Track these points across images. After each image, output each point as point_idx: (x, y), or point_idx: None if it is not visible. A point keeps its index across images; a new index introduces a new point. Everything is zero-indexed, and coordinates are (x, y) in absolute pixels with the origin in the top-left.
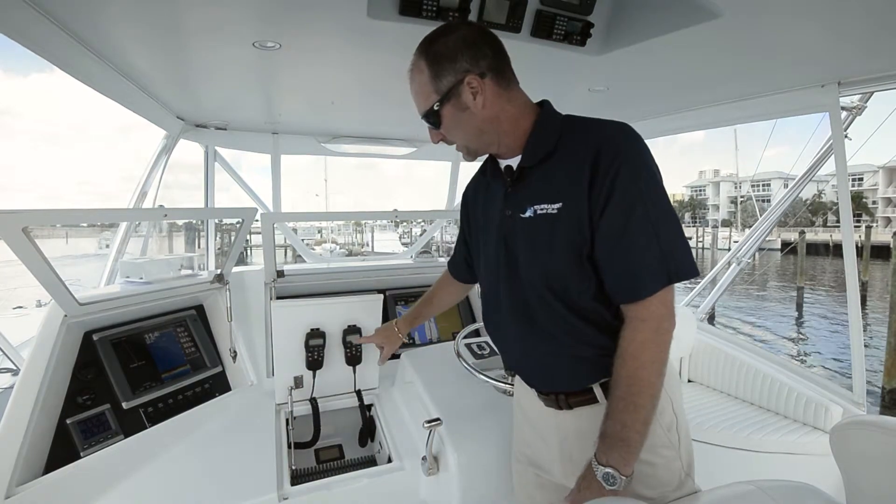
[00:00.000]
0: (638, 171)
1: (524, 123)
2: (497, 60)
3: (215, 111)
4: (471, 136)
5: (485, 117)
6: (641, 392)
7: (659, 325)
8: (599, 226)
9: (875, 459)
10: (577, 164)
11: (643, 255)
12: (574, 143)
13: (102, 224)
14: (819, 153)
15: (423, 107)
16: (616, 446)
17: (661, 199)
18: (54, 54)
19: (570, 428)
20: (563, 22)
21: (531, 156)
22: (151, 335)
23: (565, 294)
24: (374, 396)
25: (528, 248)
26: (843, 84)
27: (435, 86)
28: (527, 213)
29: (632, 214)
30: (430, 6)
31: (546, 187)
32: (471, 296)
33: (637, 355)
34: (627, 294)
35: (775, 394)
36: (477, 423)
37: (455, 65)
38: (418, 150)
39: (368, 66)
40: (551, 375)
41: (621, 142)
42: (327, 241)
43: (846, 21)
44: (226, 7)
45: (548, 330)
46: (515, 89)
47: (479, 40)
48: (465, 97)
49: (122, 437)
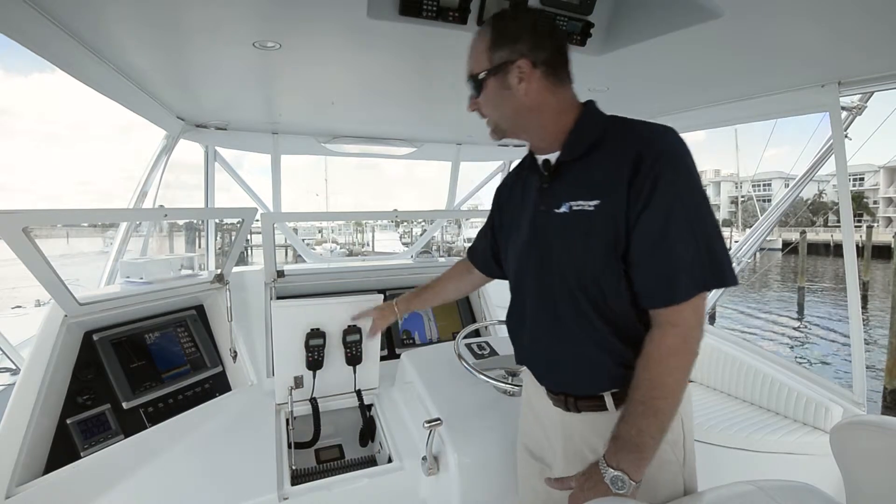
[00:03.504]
0: (680, 173)
1: (566, 120)
2: (554, 56)
3: (215, 111)
4: (504, 117)
5: (524, 104)
6: (663, 398)
7: (689, 333)
8: (637, 226)
9: (875, 459)
10: (617, 163)
11: (681, 258)
12: (616, 142)
13: (103, 224)
14: (819, 153)
15: (471, 70)
16: (629, 450)
17: (703, 204)
18: (54, 54)
19: (575, 430)
20: (564, 22)
21: (570, 151)
22: (151, 335)
23: (598, 294)
24: (374, 396)
25: (561, 244)
26: (844, 84)
27: (488, 56)
28: (561, 208)
29: (672, 216)
30: (430, 6)
31: (583, 184)
32: (471, 296)
33: (663, 360)
34: (660, 297)
35: (775, 394)
36: (477, 424)
37: (514, 45)
38: (419, 149)
39: (368, 65)
40: (564, 376)
41: (665, 143)
42: (327, 240)
43: (846, 21)
44: (226, 7)
45: (571, 330)
46: (565, 88)
47: (545, 32)
48: (511, 78)
49: (122, 437)
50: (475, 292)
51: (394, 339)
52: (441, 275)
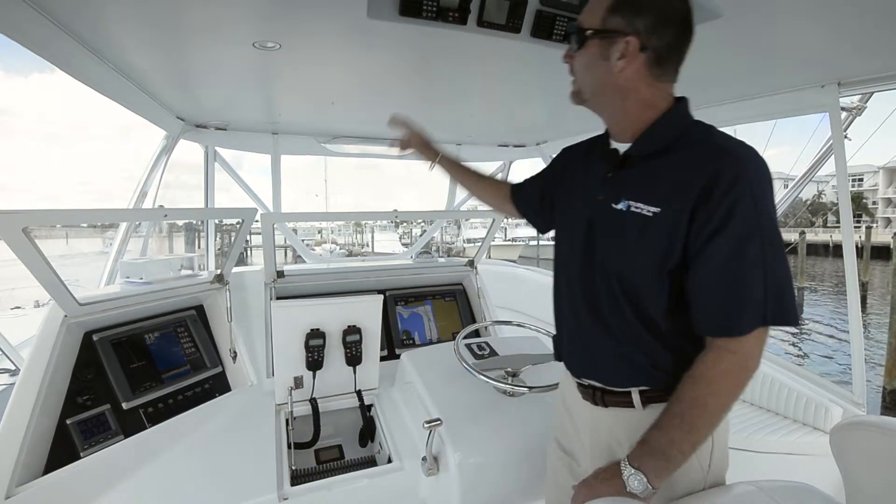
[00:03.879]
0: (761, 201)
1: (650, 114)
2: (670, 51)
3: (215, 111)
4: (589, 85)
5: (614, 82)
6: (702, 417)
7: (746, 362)
8: (705, 250)
9: (875, 460)
10: (689, 174)
11: (750, 292)
12: (692, 150)
13: (103, 224)
14: (819, 153)
15: (581, 21)
16: (656, 457)
17: (778, 236)
18: (54, 54)
19: (603, 424)
20: (564, 22)
21: (641, 146)
22: (151, 335)
23: (637, 300)
24: (374, 397)
25: (611, 241)
26: (843, 84)
27: (604, 15)
28: (619, 204)
29: (746, 247)
30: (430, 7)
31: (647, 185)
32: (470, 295)
33: (713, 381)
34: (721, 328)
35: (775, 394)
36: (477, 424)
37: (633, 18)
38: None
39: (368, 66)
40: (594, 365)
41: (748, 166)
42: (327, 241)
43: (846, 21)
44: (226, 7)
45: (609, 324)
46: (665, 84)
47: (673, 21)
48: (613, 50)
49: (122, 437)
50: (476, 293)
51: (394, 340)
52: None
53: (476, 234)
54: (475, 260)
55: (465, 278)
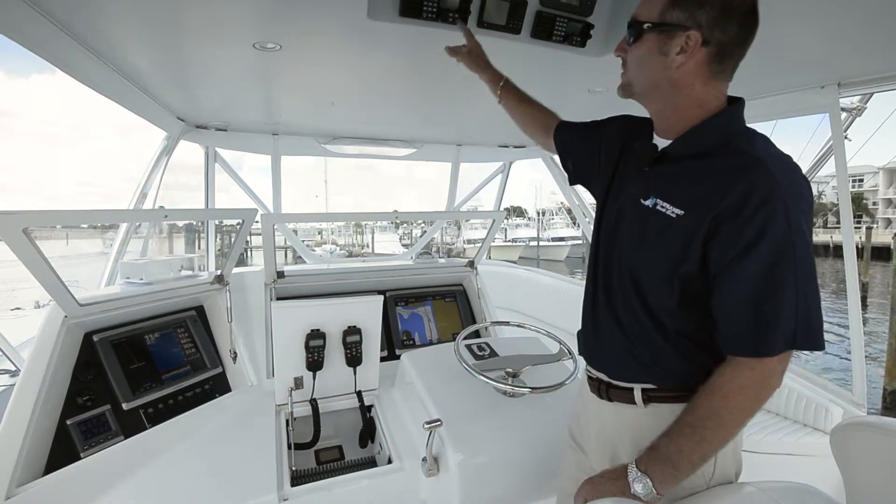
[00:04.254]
0: (794, 219)
1: (698, 113)
2: (732, 45)
3: (216, 112)
4: (641, 80)
5: (669, 77)
6: (713, 429)
7: (766, 380)
8: (735, 267)
9: (875, 461)
10: (720, 182)
11: (780, 314)
12: (729, 158)
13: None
14: (819, 154)
15: (638, 14)
16: (663, 464)
17: (810, 257)
18: (55, 55)
19: (608, 419)
20: (564, 23)
21: (681, 146)
22: (152, 336)
23: (646, 297)
24: (374, 397)
25: (632, 235)
26: (843, 85)
27: (664, 9)
28: (647, 200)
29: (779, 265)
30: (430, 7)
31: (678, 186)
32: (470, 295)
33: (729, 395)
34: (749, 348)
35: (775, 394)
36: (477, 424)
37: (695, 12)
38: (419, 150)
39: (369, 66)
40: (603, 357)
41: (783, 182)
42: (327, 242)
43: (845, 22)
44: (226, 8)
45: (620, 318)
46: (719, 83)
47: (737, 15)
48: (672, 45)
49: (122, 437)
50: (476, 293)
51: (394, 340)
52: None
53: (476, 235)
54: (475, 260)
55: (466, 279)
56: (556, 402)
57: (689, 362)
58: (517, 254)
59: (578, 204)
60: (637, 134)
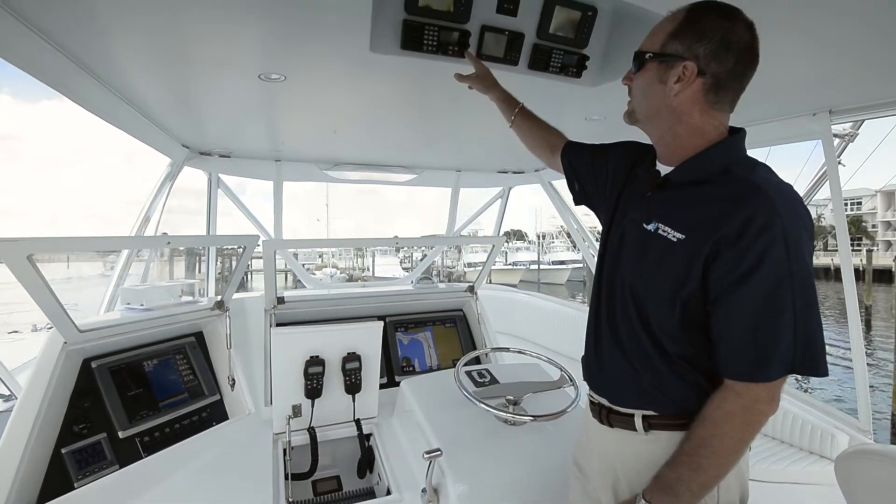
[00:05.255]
0: (794, 246)
1: (699, 142)
2: (727, 78)
3: (220, 139)
4: (643, 107)
5: (669, 105)
6: (708, 458)
7: (752, 405)
8: (735, 292)
9: (881, 490)
10: (721, 208)
11: (779, 340)
12: (730, 186)
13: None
14: (814, 179)
15: (644, 45)
16: (664, 492)
17: (810, 283)
18: (63, 84)
19: (609, 445)
20: (560, 55)
21: (682, 173)
22: (150, 362)
23: (648, 321)
24: (373, 425)
25: (634, 259)
26: (834, 112)
27: (665, 40)
28: (650, 225)
29: (777, 291)
30: (430, 41)
31: (679, 211)
32: (470, 321)
33: (718, 423)
34: (744, 373)
35: (780, 421)
36: (478, 454)
37: (693, 43)
38: (419, 176)
39: (370, 96)
40: (604, 381)
41: (782, 209)
42: (328, 265)
43: (834, 53)
44: (234, 41)
45: (622, 342)
46: (718, 113)
47: (735, 48)
48: (670, 74)
49: (117, 467)
50: (476, 319)
51: (393, 367)
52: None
53: (477, 259)
54: (475, 285)
55: (466, 304)
56: (557, 430)
57: (690, 388)
58: (518, 277)
59: (577, 228)
60: (641, 160)
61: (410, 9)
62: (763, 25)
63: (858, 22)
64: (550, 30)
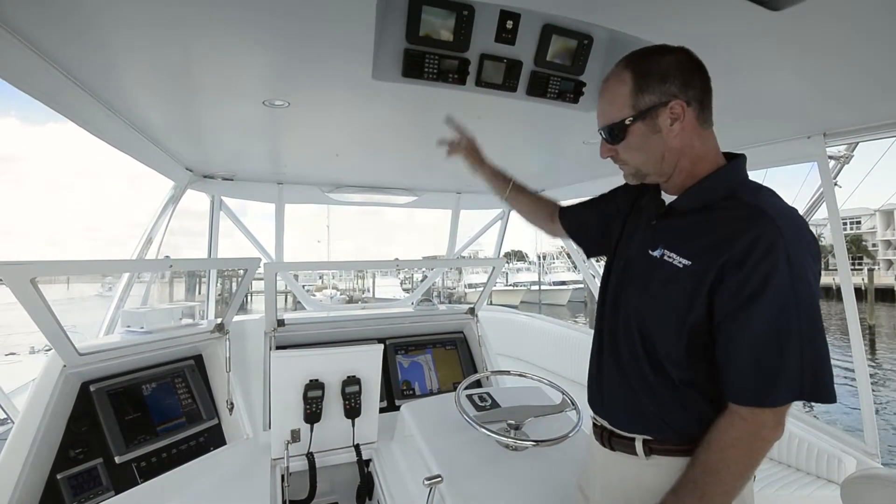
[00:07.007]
0: (799, 270)
1: (702, 167)
2: (704, 94)
3: (223, 163)
4: (650, 161)
5: (672, 146)
6: (714, 485)
7: (758, 431)
8: (740, 317)
9: None
10: (726, 233)
11: (785, 365)
12: (734, 211)
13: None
14: (811, 200)
15: (610, 118)
16: None
17: (817, 309)
18: (69, 108)
19: (612, 468)
20: (557, 82)
21: (686, 201)
22: (149, 386)
23: (653, 348)
24: (372, 451)
25: (640, 285)
26: (829, 135)
27: (634, 100)
28: (655, 252)
29: (783, 315)
30: (431, 69)
31: (685, 238)
32: (471, 343)
33: (723, 449)
34: (750, 398)
35: (785, 446)
36: (479, 480)
37: (664, 86)
38: (420, 198)
39: (372, 121)
40: (606, 404)
41: (787, 233)
42: (328, 286)
43: (828, 76)
44: (239, 68)
45: (624, 367)
46: (710, 131)
47: (692, 68)
48: (662, 120)
49: (112, 493)
50: (476, 341)
51: (393, 390)
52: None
53: (477, 279)
54: (476, 307)
55: (466, 326)
56: (560, 455)
57: (692, 415)
58: (519, 298)
59: (577, 248)
60: (644, 190)
61: (412, 38)
62: (757, 52)
63: (850, 47)
64: (548, 57)
